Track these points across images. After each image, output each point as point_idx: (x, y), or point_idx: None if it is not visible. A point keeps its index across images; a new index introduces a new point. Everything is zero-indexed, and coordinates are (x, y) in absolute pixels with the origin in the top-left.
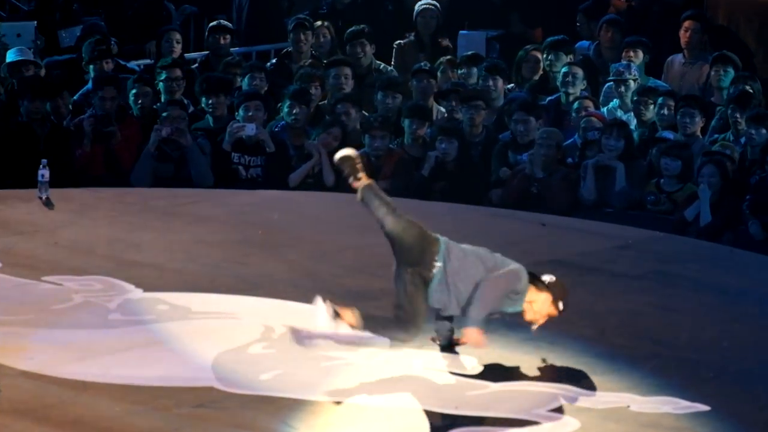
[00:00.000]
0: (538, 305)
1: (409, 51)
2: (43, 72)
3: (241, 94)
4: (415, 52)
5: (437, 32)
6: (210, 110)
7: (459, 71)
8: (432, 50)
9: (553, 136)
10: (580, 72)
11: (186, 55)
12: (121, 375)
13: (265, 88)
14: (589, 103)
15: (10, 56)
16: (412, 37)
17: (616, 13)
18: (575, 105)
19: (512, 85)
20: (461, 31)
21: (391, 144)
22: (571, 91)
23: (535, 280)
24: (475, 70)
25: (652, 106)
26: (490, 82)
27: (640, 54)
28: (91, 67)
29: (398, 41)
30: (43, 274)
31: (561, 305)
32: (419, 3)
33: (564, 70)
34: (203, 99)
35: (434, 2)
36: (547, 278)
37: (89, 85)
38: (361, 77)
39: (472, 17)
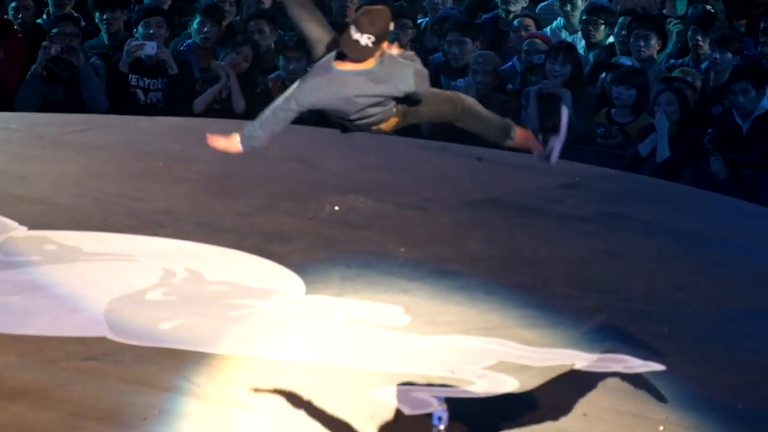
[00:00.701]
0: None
1: None
2: None
3: (141, 8)
4: None
5: None
6: (104, 26)
7: None
8: None
9: (489, 60)
10: None
11: None
12: (1, 323)
13: (169, 3)
14: (530, 22)
15: None
16: None
17: None
18: (515, 23)
19: None
20: None
21: (307, 67)
22: (512, 8)
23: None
24: None
25: (603, 27)
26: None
27: None
28: None
29: None
30: None
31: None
32: None
33: None
34: (96, 14)
35: None
36: None
37: None
38: None
39: None
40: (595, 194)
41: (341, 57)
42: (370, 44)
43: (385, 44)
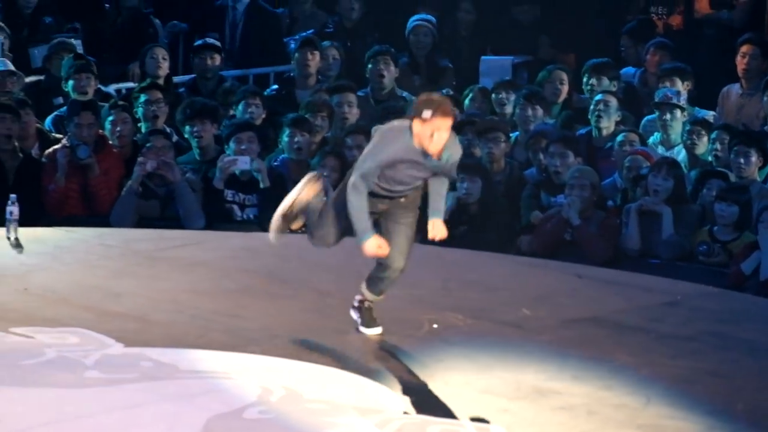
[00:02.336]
0: (419, 132)
1: (403, 72)
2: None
3: (232, 123)
4: (409, 73)
5: (433, 52)
6: (195, 140)
7: (495, 96)
8: (428, 72)
9: (587, 175)
10: (614, 101)
11: (174, 78)
12: None
13: (263, 117)
14: (634, 137)
15: None
16: (405, 58)
17: (665, 35)
18: (619, 138)
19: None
20: (483, 57)
21: None
22: (603, 124)
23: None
24: (512, 97)
25: (705, 139)
26: (529, 112)
27: (678, 83)
28: (71, 84)
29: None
30: (12, 324)
31: (427, 114)
32: (411, 19)
33: (596, 98)
34: (186, 128)
35: (429, 18)
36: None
37: (62, 110)
38: (379, 102)
39: (496, 41)
40: (697, 313)
41: None
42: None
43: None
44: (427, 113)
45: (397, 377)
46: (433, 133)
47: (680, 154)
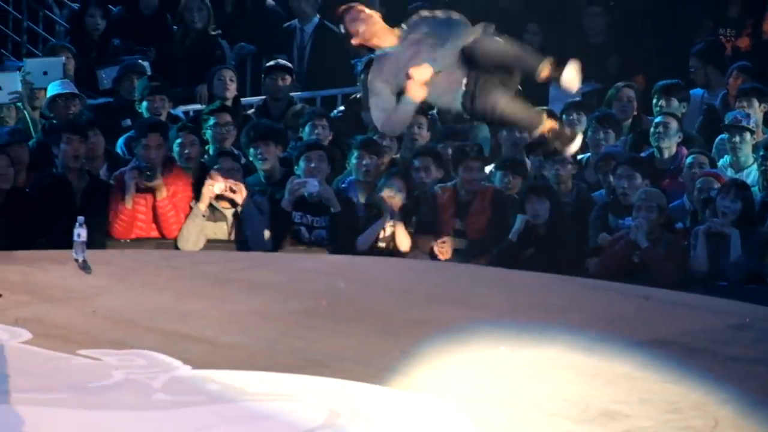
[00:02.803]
0: None
1: None
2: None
3: (302, 144)
4: None
5: None
6: (259, 162)
7: (566, 117)
8: None
9: (654, 197)
10: (674, 123)
11: (242, 99)
12: None
13: (329, 138)
14: (704, 159)
15: (53, 89)
16: None
17: (733, 57)
18: (688, 160)
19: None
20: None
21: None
22: (664, 145)
23: None
24: (583, 118)
25: None
26: (601, 135)
27: (756, 104)
28: (144, 105)
29: None
30: (79, 347)
31: None
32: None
33: (656, 120)
34: (251, 150)
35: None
36: None
37: (131, 132)
38: (446, 123)
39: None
40: (766, 336)
41: None
42: None
43: None
44: None
45: (464, 399)
46: None
47: (750, 176)
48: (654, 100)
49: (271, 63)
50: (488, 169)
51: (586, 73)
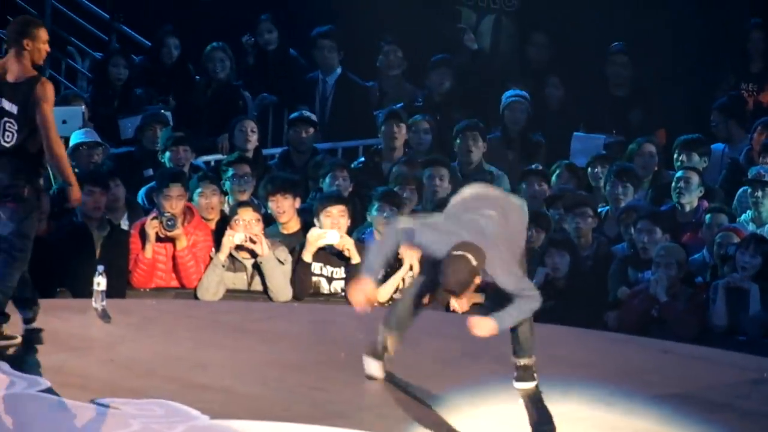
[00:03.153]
0: None
1: (496, 147)
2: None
3: (322, 196)
4: (502, 148)
5: (527, 127)
6: (277, 214)
7: (590, 170)
8: (521, 147)
9: (673, 253)
10: (695, 178)
11: (264, 150)
12: None
13: (350, 189)
14: (722, 218)
15: (77, 137)
16: (498, 133)
17: (755, 112)
18: (707, 220)
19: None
20: (576, 133)
21: None
22: (684, 200)
23: None
24: (606, 172)
25: None
26: (619, 189)
27: None
28: (167, 155)
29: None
30: (97, 395)
31: None
32: (506, 94)
33: (678, 174)
34: (269, 202)
35: (524, 94)
36: None
37: (153, 183)
38: (468, 177)
39: (586, 115)
40: None
41: None
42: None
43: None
44: None
45: None
46: None
47: None
48: (675, 155)
49: (296, 115)
50: None
51: (608, 125)
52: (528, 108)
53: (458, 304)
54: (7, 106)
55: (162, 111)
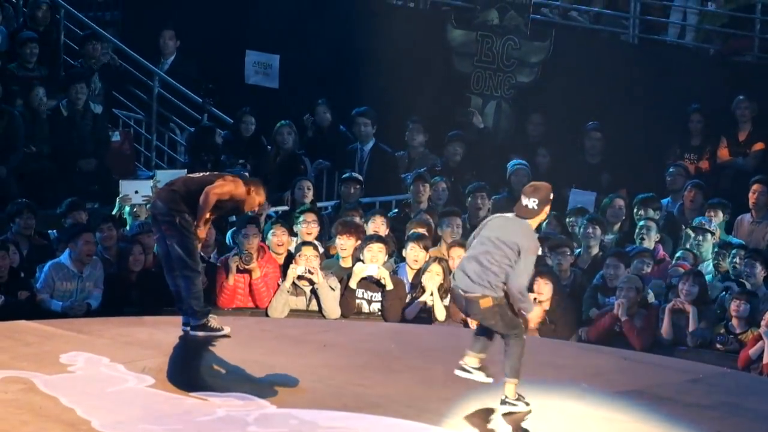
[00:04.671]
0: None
1: (505, 204)
2: None
3: (366, 237)
4: (509, 205)
5: None
6: (343, 249)
7: (568, 220)
8: None
9: (633, 282)
10: (654, 226)
11: (319, 203)
12: None
13: (386, 232)
14: (689, 255)
15: None
16: (506, 193)
17: (697, 176)
18: (678, 254)
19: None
20: (573, 189)
21: None
22: (645, 244)
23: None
24: (581, 220)
25: (729, 258)
26: (590, 230)
27: (720, 214)
28: None
29: (495, 196)
30: (191, 390)
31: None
32: (511, 163)
33: (640, 224)
34: (336, 239)
35: (524, 162)
36: None
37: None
38: (474, 227)
39: (569, 177)
40: (715, 388)
41: None
42: (535, 207)
43: (547, 209)
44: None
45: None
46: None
47: (708, 267)
48: (635, 209)
49: (346, 175)
50: None
51: (585, 185)
52: (528, 173)
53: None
54: None
55: (243, 171)
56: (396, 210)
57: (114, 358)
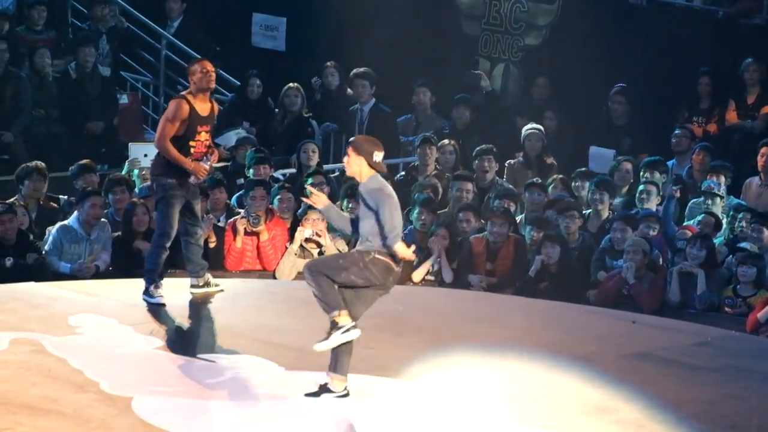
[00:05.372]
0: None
1: (519, 169)
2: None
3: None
4: (524, 169)
5: (542, 152)
6: (349, 212)
7: (574, 184)
8: (538, 167)
9: (640, 245)
10: (654, 189)
11: (326, 166)
12: None
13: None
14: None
15: None
16: (520, 157)
17: (704, 139)
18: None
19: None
20: (592, 147)
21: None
22: (645, 206)
23: None
24: (587, 184)
25: (736, 222)
26: (597, 195)
27: (722, 178)
28: (251, 172)
29: (509, 160)
30: (199, 352)
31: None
32: (526, 127)
33: (640, 188)
34: (344, 202)
35: (539, 126)
36: None
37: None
38: (484, 190)
39: (592, 137)
40: (722, 351)
41: None
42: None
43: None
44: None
45: (495, 392)
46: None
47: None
48: (641, 172)
49: (351, 140)
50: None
51: (610, 146)
52: (542, 137)
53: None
54: None
55: (251, 135)
56: (403, 173)
57: (122, 320)
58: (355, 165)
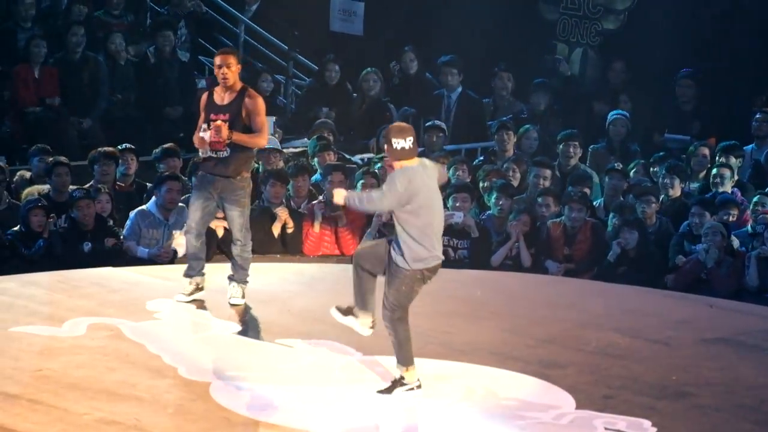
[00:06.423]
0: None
1: (602, 154)
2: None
3: (452, 185)
4: (607, 155)
5: (626, 138)
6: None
7: (652, 170)
8: (621, 153)
9: (718, 230)
10: (727, 173)
11: None
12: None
13: (468, 179)
14: (766, 200)
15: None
16: (603, 143)
17: None
18: (754, 199)
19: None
20: (667, 134)
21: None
22: (720, 189)
23: None
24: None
25: None
26: (668, 180)
27: None
28: (315, 161)
29: (592, 146)
30: (277, 337)
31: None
32: (611, 113)
33: (714, 171)
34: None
35: (624, 113)
36: None
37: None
38: (566, 175)
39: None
40: None
41: None
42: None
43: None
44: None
45: (570, 381)
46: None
47: None
48: (717, 156)
49: (429, 123)
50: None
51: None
52: (627, 123)
53: None
54: None
55: (328, 120)
56: (482, 158)
57: (199, 305)
58: (390, 159)
